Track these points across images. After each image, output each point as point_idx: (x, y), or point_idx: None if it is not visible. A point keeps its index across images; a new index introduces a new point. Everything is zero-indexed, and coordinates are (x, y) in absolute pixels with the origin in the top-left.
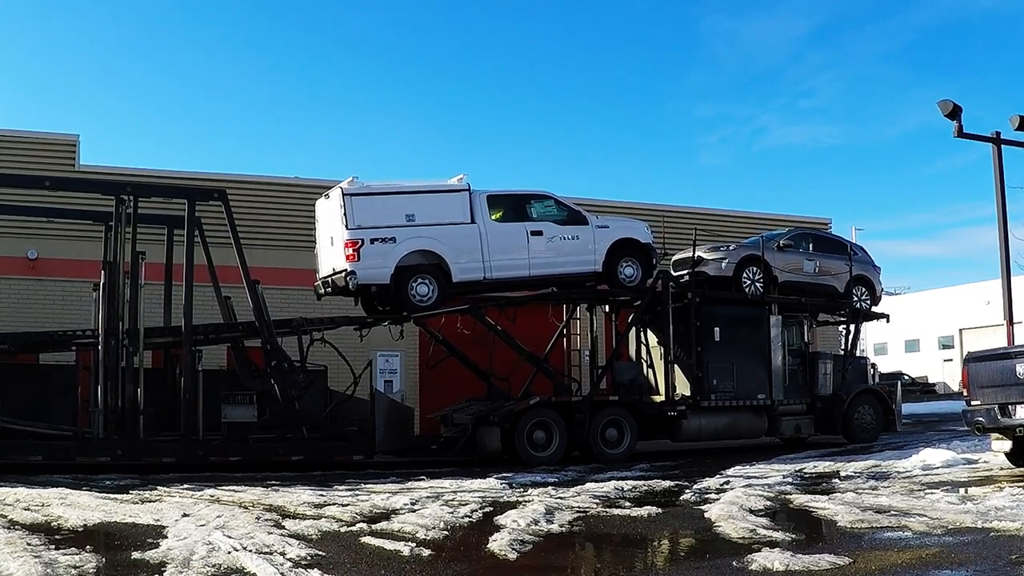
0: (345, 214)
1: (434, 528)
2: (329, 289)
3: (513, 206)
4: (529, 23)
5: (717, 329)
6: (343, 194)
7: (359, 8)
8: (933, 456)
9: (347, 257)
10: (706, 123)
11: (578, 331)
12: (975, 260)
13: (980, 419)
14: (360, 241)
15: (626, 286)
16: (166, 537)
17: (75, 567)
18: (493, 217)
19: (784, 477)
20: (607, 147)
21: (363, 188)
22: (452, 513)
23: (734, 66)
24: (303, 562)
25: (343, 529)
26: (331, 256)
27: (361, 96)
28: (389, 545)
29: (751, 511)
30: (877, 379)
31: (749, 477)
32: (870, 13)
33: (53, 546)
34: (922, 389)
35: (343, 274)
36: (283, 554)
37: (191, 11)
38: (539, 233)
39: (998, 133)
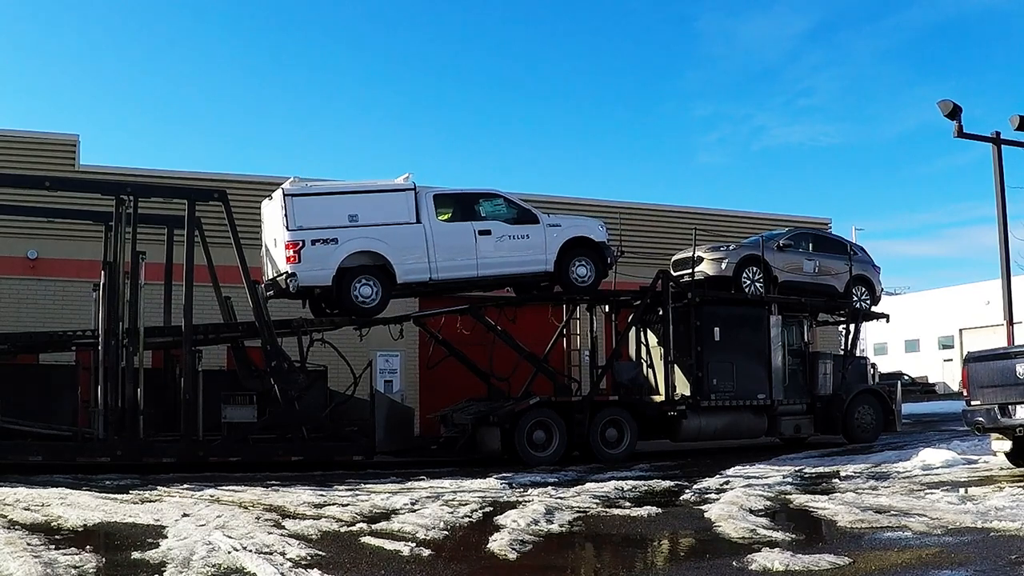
0: (286, 215)
1: (434, 528)
2: (273, 292)
3: (461, 205)
4: (526, 23)
5: (717, 329)
6: (284, 195)
7: (358, 8)
8: (933, 456)
9: (288, 259)
10: (704, 122)
11: (578, 331)
12: (975, 260)
13: (980, 419)
14: (301, 243)
15: (579, 286)
16: (166, 537)
17: (75, 567)
18: (440, 217)
19: (784, 477)
20: (605, 147)
21: (305, 188)
22: (452, 513)
23: (732, 65)
24: (303, 562)
25: (343, 529)
26: (275, 258)
27: (360, 96)
28: (389, 545)
29: (751, 511)
30: (877, 379)
31: (749, 477)
32: (868, 11)
33: (53, 546)
34: (922, 389)
35: (284, 276)
36: (283, 554)
37: (190, 11)
38: (487, 233)
39: (998, 133)
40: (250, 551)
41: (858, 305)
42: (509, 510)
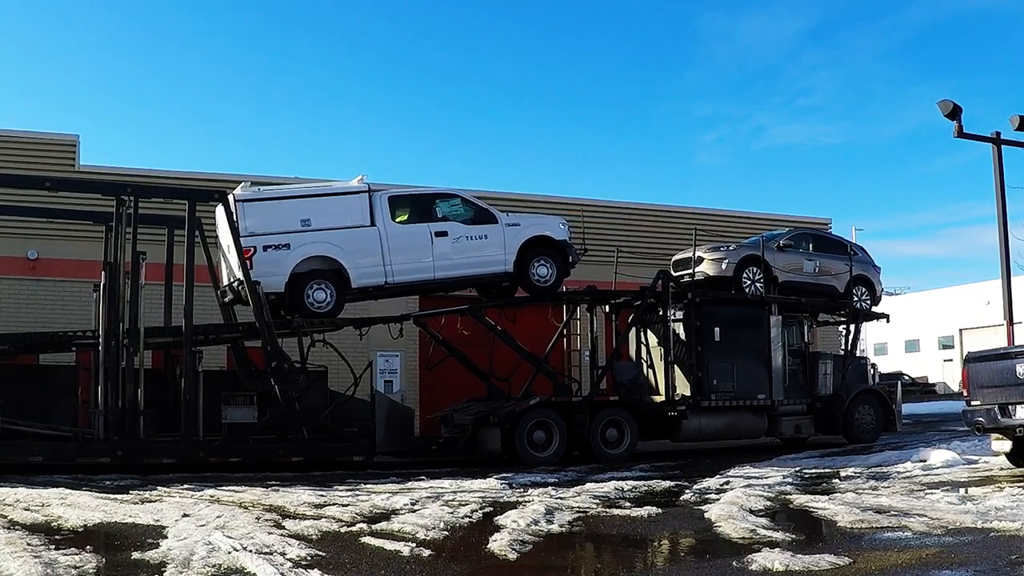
0: (237, 221)
1: (434, 528)
2: (229, 297)
3: (417, 207)
4: (525, 23)
5: (717, 329)
6: (235, 200)
7: (359, 8)
8: (933, 456)
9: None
10: (703, 122)
11: (578, 331)
12: (975, 260)
13: (980, 419)
14: (253, 249)
15: (539, 287)
16: (166, 537)
17: (75, 567)
18: (395, 219)
19: (784, 477)
20: (604, 147)
21: (256, 193)
22: (452, 513)
23: (731, 65)
24: (303, 562)
25: (343, 529)
26: (230, 264)
27: (361, 96)
28: (389, 545)
29: (751, 511)
30: (877, 379)
31: (749, 477)
32: (867, 11)
33: (53, 546)
34: (922, 389)
35: (237, 283)
36: (283, 554)
37: (191, 11)
38: (444, 234)
39: (998, 133)
40: (250, 551)
41: (858, 305)
42: (509, 510)
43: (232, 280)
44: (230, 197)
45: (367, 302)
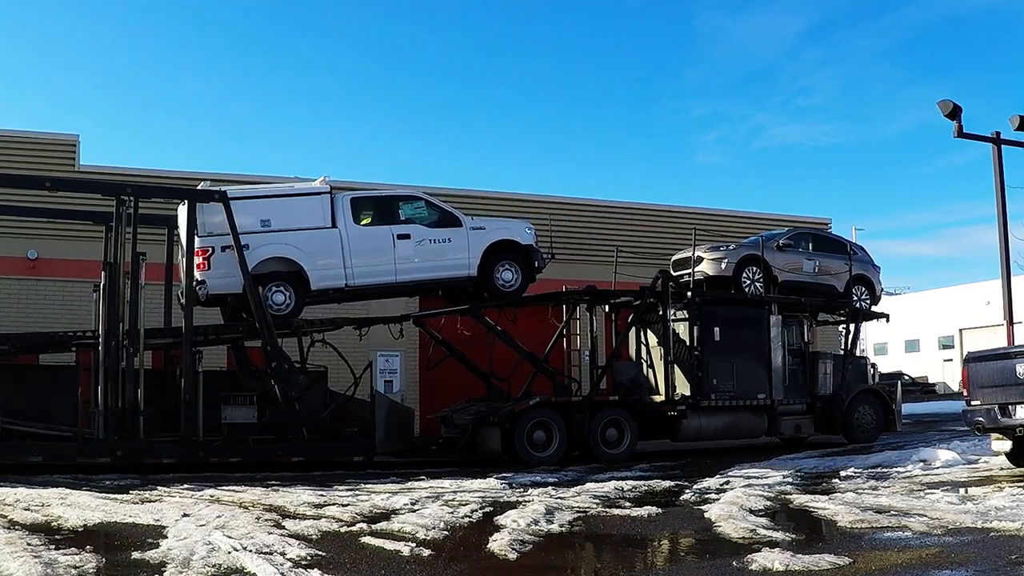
0: (195, 221)
1: (434, 528)
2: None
3: (379, 209)
4: (523, 23)
5: (717, 329)
6: (192, 200)
7: (359, 8)
8: (933, 456)
9: (197, 266)
10: (702, 122)
11: (578, 331)
12: (975, 260)
13: (980, 419)
14: (210, 249)
15: (504, 292)
16: (166, 537)
17: (75, 567)
18: (358, 221)
19: (784, 477)
20: (603, 146)
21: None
22: (452, 513)
23: (730, 64)
24: (303, 562)
25: (343, 529)
26: (188, 264)
27: (361, 96)
28: (389, 545)
29: (751, 511)
30: (877, 379)
31: (749, 477)
32: (866, 10)
33: (53, 546)
34: (922, 389)
35: (195, 284)
36: (283, 554)
37: (191, 11)
38: (406, 236)
39: (998, 133)
40: (250, 551)
41: (858, 305)
42: (509, 510)
43: (194, 282)
44: (184, 200)
45: (367, 302)
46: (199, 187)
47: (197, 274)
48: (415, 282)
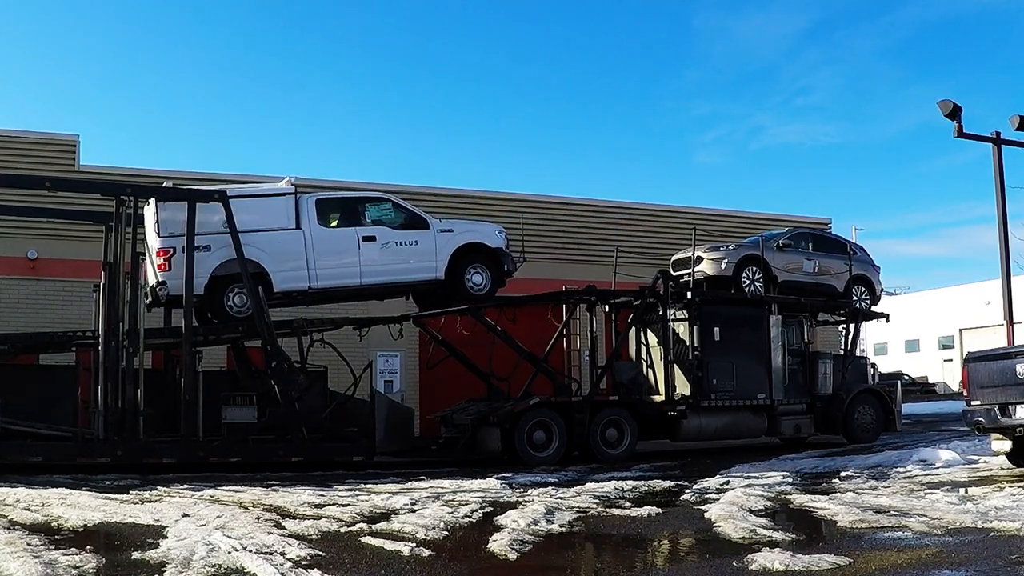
0: (158, 221)
1: (434, 528)
2: (149, 300)
3: (345, 210)
4: (523, 22)
5: (717, 329)
6: (156, 200)
7: (359, 8)
8: (933, 456)
9: (158, 267)
10: (702, 121)
11: (578, 331)
12: (975, 260)
13: (980, 419)
14: (171, 250)
15: (473, 295)
16: (166, 537)
17: (75, 567)
18: (323, 223)
19: (784, 477)
20: (603, 146)
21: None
22: (452, 513)
23: (729, 64)
24: (303, 562)
25: (343, 529)
26: (154, 264)
27: (361, 96)
28: (389, 545)
29: (751, 511)
30: (877, 379)
31: (749, 477)
32: (866, 9)
33: (53, 546)
34: (922, 389)
35: (155, 285)
36: (283, 554)
37: (191, 11)
38: (372, 239)
39: (998, 133)
40: (250, 551)
41: (858, 305)
42: (509, 510)
43: (155, 283)
44: (151, 199)
45: (367, 302)
46: (164, 185)
47: (159, 275)
48: (381, 285)
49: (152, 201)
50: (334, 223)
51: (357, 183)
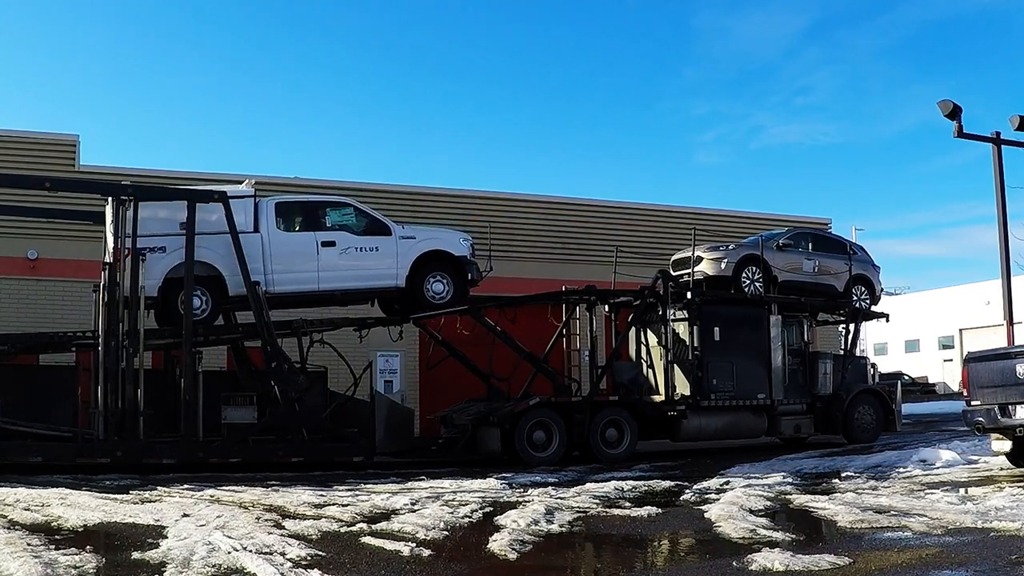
0: (113, 221)
1: (434, 528)
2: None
3: (305, 215)
4: (522, 22)
5: (717, 329)
6: (112, 200)
7: (359, 8)
8: (933, 456)
9: (116, 267)
10: (701, 121)
11: (578, 331)
12: (975, 260)
13: (980, 419)
14: (127, 251)
15: (434, 304)
16: (166, 537)
17: (75, 567)
18: (282, 227)
19: (784, 477)
20: (602, 146)
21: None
22: (452, 513)
23: (728, 63)
24: (303, 562)
25: (343, 529)
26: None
27: (360, 96)
28: (389, 545)
29: (751, 511)
30: (877, 379)
31: (749, 477)
32: (866, 9)
33: (53, 546)
34: (922, 389)
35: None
36: (283, 554)
37: (191, 11)
38: (331, 244)
39: (998, 133)
40: (250, 551)
41: (858, 305)
42: (509, 510)
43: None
44: (109, 198)
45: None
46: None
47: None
48: (340, 291)
49: (110, 201)
50: (293, 227)
51: (357, 183)
